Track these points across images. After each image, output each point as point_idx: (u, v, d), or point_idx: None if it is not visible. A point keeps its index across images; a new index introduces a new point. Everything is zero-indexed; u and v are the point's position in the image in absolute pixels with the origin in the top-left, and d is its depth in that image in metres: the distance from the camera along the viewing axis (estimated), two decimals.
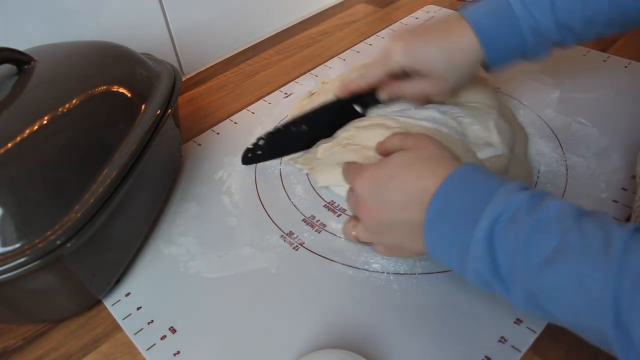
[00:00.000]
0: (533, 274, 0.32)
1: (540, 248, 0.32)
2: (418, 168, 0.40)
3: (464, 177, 0.38)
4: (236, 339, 0.43)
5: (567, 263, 0.31)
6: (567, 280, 0.31)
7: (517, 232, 0.33)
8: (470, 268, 0.36)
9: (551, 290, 0.32)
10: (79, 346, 0.45)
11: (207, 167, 0.61)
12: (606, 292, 0.29)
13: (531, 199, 0.34)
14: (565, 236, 0.32)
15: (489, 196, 0.35)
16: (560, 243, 0.32)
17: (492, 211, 0.34)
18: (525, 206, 0.34)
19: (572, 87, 0.66)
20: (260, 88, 0.74)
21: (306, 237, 0.51)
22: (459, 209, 0.36)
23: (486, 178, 0.37)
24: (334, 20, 0.89)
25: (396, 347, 0.41)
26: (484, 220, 0.34)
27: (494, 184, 0.36)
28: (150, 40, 0.71)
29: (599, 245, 0.31)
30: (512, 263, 0.33)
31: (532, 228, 0.33)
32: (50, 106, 0.44)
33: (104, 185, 0.43)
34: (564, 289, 0.31)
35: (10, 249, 0.38)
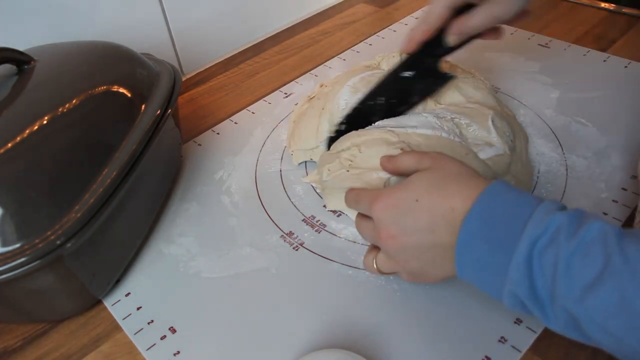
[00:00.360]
0: (575, 299, 0.31)
1: (583, 272, 0.31)
2: (443, 188, 0.38)
3: (497, 196, 0.36)
4: (236, 339, 0.44)
5: (611, 287, 0.30)
6: (612, 305, 0.30)
7: (558, 255, 0.32)
8: (507, 291, 0.35)
9: (594, 314, 0.31)
10: (79, 346, 0.45)
11: (207, 167, 0.61)
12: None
13: (570, 219, 0.33)
14: (608, 259, 0.31)
15: (525, 216, 0.34)
16: (603, 267, 0.30)
17: (530, 233, 0.33)
18: (565, 227, 0.32)
19: (572, 87, 0.66)
20: (260, 88, 0.74)
21: (306, 237, 0.51)
22: (494, 231, 0.35)
23: (519, 196, 0.36)
24: (334, 20, 0.89)
25: (396, 347, 0.41)
26: (523, 243, 0.33)
27: (529, 203, 0.35)
28: (150, 40, 0.71)
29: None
30: (552, 287, 0.32)
31: (574, 251, 0.31)
32: (50, 106, 0.44)
33: (104, 185, 0.43)
34: (608, 313, 0.30)
35: (10, 249, 0.38)
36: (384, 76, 0.55)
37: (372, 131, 0.53)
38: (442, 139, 0.51)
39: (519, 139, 0.56)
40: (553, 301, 0.33)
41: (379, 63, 0.63)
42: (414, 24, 0.52)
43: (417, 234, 0.38)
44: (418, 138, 0.50)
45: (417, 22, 0.51)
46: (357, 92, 0.57)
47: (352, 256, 0.49)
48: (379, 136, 0.51)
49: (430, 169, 0.40)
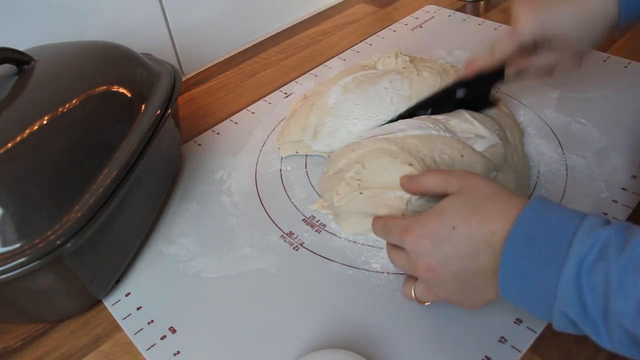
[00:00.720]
0: (631, 314, 0.30)
1: (638, 286, 0.30)
2: (481, 212, 0.37)
3: (538, 214, 0.35)
4: (236, 339, 0.43)
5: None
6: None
7: (608, 271, 0.31)
8: (557, 311, 0.34)
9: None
10: (79, 346, 0.45)
11: (207, 167, 0.61)
12: None
13: (617, 233, 0.32)
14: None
15: (570, 233, 0.33)
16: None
17: (577, 250, 0.32)
18: (613, 243, 0.31)
19: (572, 87, 0.66)
20: (260, 88, 0.74)
21: (306, 237, 0.51)
22: (539, 250, 0.34)
23: (561, 212, 0.35)
24: (334, 20, 0.89)
25: (396, 347, 0.41)
26: (570, 261, 0.32)
27: (572, 219, 0.34)
28: (150, 40, 0.71)
29: None
30: (605, 305, 0.31)
31: (625, 266, 0.30)
32: (50, 106, 0.44)
33: (104, 185, 0.43)
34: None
35: (10, 249, 0.38)
36: (438, 90, 0.56)
37: (365, 143, 0.52)
38: (435, 137, 0.50)
39: (511, 131, 0.56)
40: (607, 319, 0.31)
41: (375, 63, 0.63)
42: (480, 50, 0.53)
43: (458, 263, 0.37)
44: (413, 140, 0.50)
45: (482, 50, 0.52)
46: (348, 91, 0.57)
47: (352, 256, 0.49)
48: (377, 146, 0.50)
49: (462, 192, 0.39)
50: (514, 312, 0.43)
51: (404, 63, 0.61)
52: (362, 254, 0.49)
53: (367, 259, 0.48)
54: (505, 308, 0.43)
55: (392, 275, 0.47)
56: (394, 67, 0.61)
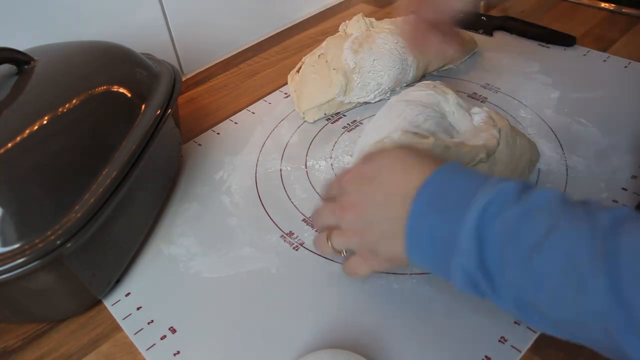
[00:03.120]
0: (522, 264, 0.31)
1: (529, 235, 0.31)
2: (403, 165, 0.39)
3: (450, 172, 0.37)
4: (236, 339, 0.43)
5: (556, 247, 0.30)
6: (558, 265, 0.30)
7: (505, 221, 0.32)
8: (456, 265, 0.34)
9: (541, 278, 0.31)
10: (79, 346, 0.45)
11: (207, 167, 0.61)
12: (600, 269, 0.28)
13: (519, 188, 0.34)
14: (554, 221, 0.31)
15: (476, 188, 0.35)
16: (548, 229, 0.31)
17: (479, 201, 0.33)
18: (513, 195, 0.33)
19: (572, 87, 0.66)
20: (260, 88, 0.74)
21: (306, 237, 0.51)
22: (445, 202, 0.35)
23: (472, 173, 0.37)
24: (334, 20, 0.89)
25: (396, 347, 0.41)
26: (472, 211, 0.33)
27: (480, 177, 0.36)
28: (150, 40, 0.71)
29: (587, 223, 0.30)
30: (501, 254, 0.32)
31: (520, 216, 0.32)
32: (50, 106, 0.44)
33: (104, 185, 0.43)
34: (555, 275, 0.30)
35: (10, 249, 0.38)
36: None
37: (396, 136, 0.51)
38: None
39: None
40: (502, 270, 0.32)
41: (344, 30, 0.69)
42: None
43: (374, 206, 0.39)
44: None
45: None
46: (357, 52, 0.64)
47: None
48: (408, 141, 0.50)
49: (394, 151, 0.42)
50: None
51: (370, 23, 0.68)
52: None
53: None
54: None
55: (392, 275, 0.47)
56: (366, 26, 0.68)
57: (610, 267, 0.28)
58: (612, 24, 0.78)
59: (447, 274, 0.36)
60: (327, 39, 0.68)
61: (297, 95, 0.66)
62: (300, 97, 0.66)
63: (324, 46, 0.67)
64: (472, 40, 0.73)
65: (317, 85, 0.64)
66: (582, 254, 0.29)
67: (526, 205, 0.32)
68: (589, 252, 0.29)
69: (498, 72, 0.70)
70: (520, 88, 0.67)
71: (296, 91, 0.67)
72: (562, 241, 0.30)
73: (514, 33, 0.77)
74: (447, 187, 0.36)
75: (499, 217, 0.33)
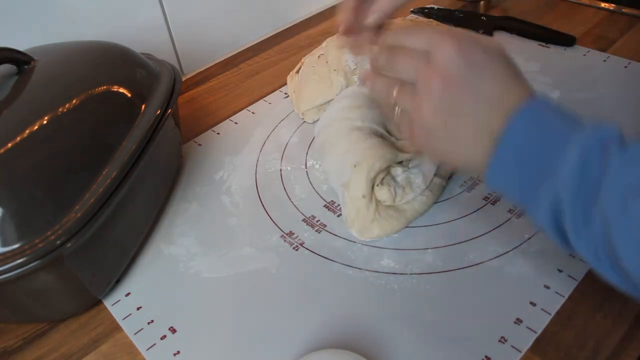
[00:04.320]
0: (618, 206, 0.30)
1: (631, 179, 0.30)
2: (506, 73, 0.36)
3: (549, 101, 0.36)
4: (236, 339, 0.43)
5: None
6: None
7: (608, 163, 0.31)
8: (547, 192, 0.33)
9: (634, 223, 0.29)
10: (79, 346, 0.45)
11: (207, 167, 0.61)
12: None
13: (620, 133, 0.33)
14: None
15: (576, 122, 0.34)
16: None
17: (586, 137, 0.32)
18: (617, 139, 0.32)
19: (572, 87, 0.66)
20: (260, 88, 0.73)
21: (306, 237, 0.51)
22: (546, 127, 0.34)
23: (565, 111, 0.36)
24: (334, 20, 0.88)
25: (396, 347, 0.41)
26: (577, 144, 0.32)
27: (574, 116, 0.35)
28: (150, 40, 0.71)
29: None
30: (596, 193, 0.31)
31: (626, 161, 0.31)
32: (50, 106, 0.44)
33: (104, 185, 0.43)
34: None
35: (10, 249, 0.38)
36: None
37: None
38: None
39: None
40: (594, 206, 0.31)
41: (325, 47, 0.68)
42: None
43: (477, 92, 0.35)
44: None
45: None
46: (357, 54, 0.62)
47: (352, 256, 0.49)
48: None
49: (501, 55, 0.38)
50: (514, 311, 0.43)
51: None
52: (362, 254, 0.49)
53: (367, 259, 0.48)
54: (505, 308, 0.43)
55: (391, 275, 0.47)
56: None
57: None
58: (612, 24, 0.78)
59: (528, 199, 0.34)
60: (327, 39, 0.68)
61: (296, 96, 0.67)
62: (299, 97, 0.66)
63: (324, 47, 0.67)
64: None
65: (316, 86, 0.64)
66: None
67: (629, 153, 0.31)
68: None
69: None
70: None
71: (295, 92, 0.67)
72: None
73: (514, 33, 0.77)
74: (549, 112, 0.34)
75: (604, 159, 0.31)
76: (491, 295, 0.44)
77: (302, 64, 0.69)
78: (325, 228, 0.52)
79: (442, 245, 0.48)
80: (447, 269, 0.46)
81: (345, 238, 0.51)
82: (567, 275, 0.45)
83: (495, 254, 0.47)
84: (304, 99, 0.65)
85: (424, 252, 0.48)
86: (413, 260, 0.48)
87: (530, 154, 0.34)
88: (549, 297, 0.43)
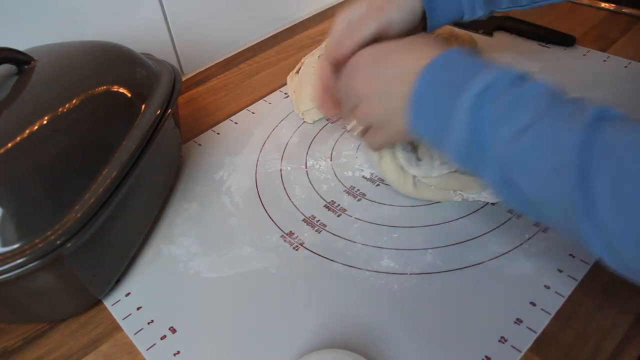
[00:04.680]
0: (510, 143, 0.34)
1: (520, 118, 0.34)
2: (416, 47, 0.42)
3: (454, 56, 0.40)
4: (236, 339, 0.43)
5: (540, 129, 0.33)
6: (539, 145, 0.33)
7: (500, 103, 0.35)
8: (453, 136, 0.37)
9: (525, 158, 0.33)
10: (79, 346, 0.45)
11: (207, 167, 0.61)
12: (574, 155, 0.31)
13: (517, 75, 0.36)
14: (543, 109, 0.34)
15: (477, 70, 0.37)
16: (538, 115, 0.33)
17: (478, 83, 0.36)
18: (510, 82, 0.36)
19: (572, 87, 0.65)
20: (260, 88, 0.74)
21: (306, 237, 0.51)
22: (447, 80, 0.38)
23: (475, 58, 0.39)
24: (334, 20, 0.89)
25: (396, 347, 0.41)
26: (471, 90, 0.36)
27: (483, 62, 0.38)
28: (150, 40, 0.71)
29: (572, 114, 0.33)
30: (492, 131, 0.35)
31: (514, 101, 0.35)
32: (50, 106, 0.44)
33: (104, 185, 0.43)
34: (536, 156, 0.33)
35: (10, 249, 0.38)
36: None
37: None
38: None
39: None
40: (492, 148, 0.35)
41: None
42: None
43: (384, 82, 0.43)
44: None
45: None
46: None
47: (352, 256, 0.49)
48: None
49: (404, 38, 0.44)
50: (514, 311, 0.43)
51: None
52: (362, 254, 0.49)
53: (367, 259, 0.48)
54: (505, 308, 0.43)
55: (391, 275, 0.47)
56: None
57: (583, 157, 0.31)
58: (612, 24, 0.78)
59: (445, 145, 0.39)
60: (327, 39, 0.68)
61: (296, 96, 0.66)
62: (299, 97, 0.66)
63: (324, 47, 0.67)
64: (472, 40, 0.73)
65: None
66: (561, 140, 0.32)
67: (520, 92, 0.35)
68: (568, 139, 0.32)
69: None
70: None
71: (295, 92, 0.67)
72: (547, 127, 0.33)
73: (514, 33, 0.77)
74: (450, 67, 0.39)
75: (494, 100, 0.35)
76: (491, 295, 0.44)
77: (302, 64, 0.68)
78: (325, 228, 0.52)
79: (442, 245, 0.48)
80: (447, 269, 0.46)
81: (345, 238, 0.51)
82: (567, 275, 0.45)
83: (495, 254, 0.47)
84: (304, 99, 0.65)
85: (424, 252, 0.48)
86: (413, 260, 0.48)
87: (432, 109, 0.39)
88: (549, 297, 0.43)
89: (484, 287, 0.45)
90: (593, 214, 0.30)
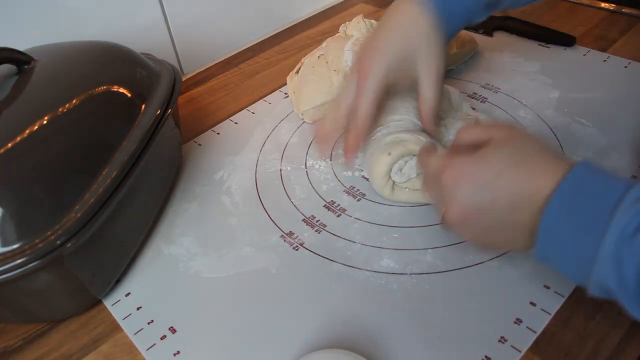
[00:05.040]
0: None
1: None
2: (527, 164, 0.36)
3: (584, 179, 0.34)
4: (236, 339, 0.43)
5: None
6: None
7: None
8: (594, 280, 0.33)
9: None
10: (79, 346, 0.45)
11: (207, 167, 0.61)
12: None
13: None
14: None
15: (614, 203, 0.32)
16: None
17: (619, 223, 0.32)
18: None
19: (572, 87, 0.66)
20: (260, 88, 0.74)
21: (306, 237, 0.51)
22: (581, 216, 0.33)
23: (609, 179, 0.34)
24: (334, 20, 0.89)
25: (396, 347, 0.41)
26: (611, 234, 0.32)
27: (619, 186, 0.33)
28: (150, 40, 0.71)
29: None
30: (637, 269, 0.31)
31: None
32: (50, 106, 0.44)
33: (104, 185, 0.43)
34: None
35: (10, 249, 0.38)
36: None
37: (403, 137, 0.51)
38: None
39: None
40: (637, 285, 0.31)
41: (344, 32, 0.68)
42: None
43: (494, 213, 0.36)
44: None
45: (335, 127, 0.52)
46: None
47: (352, 256, 0.49)
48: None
49: (508, 142, 0.37)
50: (513, 312, 0.43)
51: (371, 24, 0.67)
52: (362, 254, 0.49)
53: (367, 259, 0.48)
54: (505, 308, 0.43)
55: (392, 275, 0.47)
56: (366, 28, 0.67)
57: None
58: (612, 24, 0.78)
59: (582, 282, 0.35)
60: (327, 39, 0.68)
61: (296, 96, 0.67)
62: (299, 97, 0.66)
63: (324, 47, 0.67)
64: (472, 40, 0.73)
65: (316, 86, 0.64)
66: None
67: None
68: None
69: (498, 72, 0.70)
70: (520, 88, 0.67)
71: (295, 92, 0.67)
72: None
73: (514, 33, 0.78)
74: (581, 198, 0.33)
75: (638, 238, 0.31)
76: (491, 295, 0.44)
77: (302, 64, 0.68)
78: (325, 228, 0.52)
79: (442, 245, 0.48)
80: (447, 269, 0.46)
81: (345, 238, 0.51)
82: None
83: (495, 254, 0.47)
84: (303, 99, 0.65)
85: (424, 252, 0.48)
86: (413, 261, 0.48)
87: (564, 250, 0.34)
88: (549, 297, 0.43)
89: (484, 287, 0.45)
90: None
